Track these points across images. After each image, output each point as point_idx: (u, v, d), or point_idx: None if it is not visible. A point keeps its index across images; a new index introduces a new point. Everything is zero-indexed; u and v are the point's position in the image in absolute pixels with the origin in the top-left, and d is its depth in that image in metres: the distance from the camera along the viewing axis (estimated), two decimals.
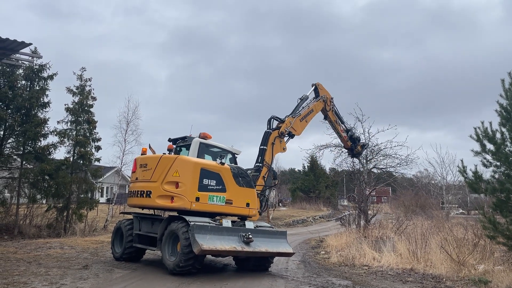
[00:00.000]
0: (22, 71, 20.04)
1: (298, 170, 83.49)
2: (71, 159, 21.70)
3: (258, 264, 11.24)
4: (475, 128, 9.83)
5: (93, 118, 22.57)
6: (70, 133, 21.68)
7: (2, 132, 19.23)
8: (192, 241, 9.36)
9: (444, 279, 10.06)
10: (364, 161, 18.87)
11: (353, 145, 16.37)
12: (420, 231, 14.61)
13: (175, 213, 11.15)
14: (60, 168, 20.71)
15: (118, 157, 26.32)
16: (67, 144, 21.57)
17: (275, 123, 13.75)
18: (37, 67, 20.21)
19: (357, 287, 9.15)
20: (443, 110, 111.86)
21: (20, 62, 8.92)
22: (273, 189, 46.41)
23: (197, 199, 10.48)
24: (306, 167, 61.19)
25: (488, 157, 9.68)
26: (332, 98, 15.90)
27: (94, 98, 22.78)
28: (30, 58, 8.56)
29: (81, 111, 22.14)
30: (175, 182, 10.48)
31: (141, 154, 12.20)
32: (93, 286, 8.43)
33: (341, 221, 24.87)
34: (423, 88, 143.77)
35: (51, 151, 20.65)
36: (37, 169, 19.96)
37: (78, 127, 22.04)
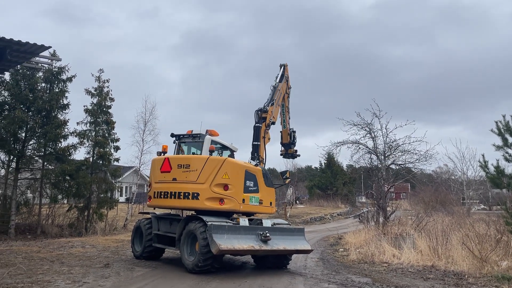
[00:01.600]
0: (42, 74, 20.45)
1: (315, 167, 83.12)
2: (91, 159, 22.08)
3: (277, 261, 11.21)
4: (496, 122, 9.59)
5: (112, 118, 22.90)
6: (90, 134, 22.05)
7: (24, 134, 19.66)
8: (210, 241, 9.37)
9: (466, 276, 9.90)
10: (382, 157, 18.65)
11: (291, 141, 15.40)
12: (441, 227, 14.40)
13: (192, 213, 11.33)
14: (80, 169, 21.10)
15: (136, 157, 26.70)
16: (87, 144, 21.97)
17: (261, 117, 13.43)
18: (56, 69, 20.59)
19: (377, 284, 9.08)
20: (459, 105, 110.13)
21: (40, 65, 9.09)
22: (290, 186, 46.38)
23: (243, 200, 10.77)
24: (323, 164, 60.92)
25: (511, 151, 9.46)
26: (291, 87, 15.52)
27: (112, 99, 23.11)
28: (49, 61, 8.72)
29: (100, 112, 22.49)
30: (224, 184, 10.56)
31: (162, 152, 11.88)
32: (115, 284, 8.56)
33: (359, 218, 24.70)
34: (437, 83, 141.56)
35: (71, 152, 21.06)
36: (58, 170, 20.36)
37: (97, 128, 22.40)
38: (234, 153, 12.64)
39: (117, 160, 23.24)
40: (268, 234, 10.10)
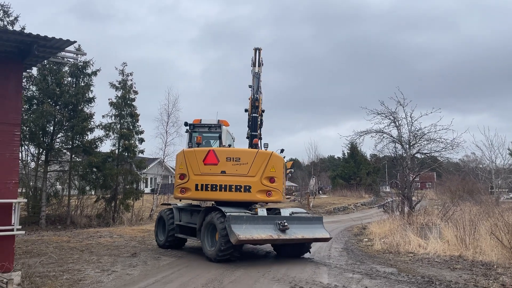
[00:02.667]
0: (67, 68, 20.91)
1: (338, 157, 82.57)
2: (117, 151, 22.53)
3: (296, 250, 11.34)
4: None
5: (136, 111, 23.28)
6: (115, 127, 22.49)
7: (52, 128, 20.20)
8: (229, 232, 9.54)
9: (495, 266, 9.69)
10: (407, 146, 18.32)
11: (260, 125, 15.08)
12: (468, 217, 14.09)
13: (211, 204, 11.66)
14: (107, 161, 21.59)
15: (160, 148, 27.10)
16: (112, 137, 22.44)
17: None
18: (81, 64, 21.02)
19: (402, 274, 8.99)
20: (484, 92, 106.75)
21: (66, 59, 9.28)
22: (313, 176, 46.17)
23: (283, 192, 11.33)
24: (346, 154, 60.43)
25: None
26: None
27: (136, 92, 23.47)
28: (74, 55, 8.88)
29: (124, 105, 22.87)
30: (271, 177, 10.94)
31: (197, 143, 11.83)
32: (142, 273, 8.77)
33: (384, 208, 24.43)
34: (461, 71, 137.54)
35: (98, 145, 21.57)
36: (86, 162, 20.88)
37: (121, 121, 22.81)
38: (233, 141, 12.90)
39: (142, 152, 23.68)
40: (286, 224, 10.22)
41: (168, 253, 11.62)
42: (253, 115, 12.95)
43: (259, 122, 13.65)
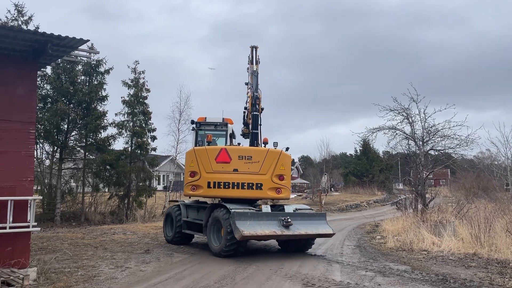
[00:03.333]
0: (81, 67, 21.14)
1: (350, 154, 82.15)
2: (129, 149, 22.73)
3: (300, 245, 11.57)
4: None
5: (148, 109, 23.45)
6: (127, 125, 22.68)
7: (66, 126, 20.46)
8: (234, 228, 9.74)
9: (511, 264, 9.54)
10: (421, 143, 18.11)
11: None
12: (483, 214, 13.88)
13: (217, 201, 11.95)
14: (120, 158, 21.81)
15: (172, 146, 27.24)
16: (125, 135, 22.65)
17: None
18: (95, 62, 21.22)
19: (416, 272, 8.91)
20: (498, 88, 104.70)
21: (79, 58, 9.39)
22: (325, 173, 45.98)
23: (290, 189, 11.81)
24: (358, 151, 60.02)
25: None
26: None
27: (148, 90, 23.63)
28: (87, 54, 8.96)
29: (137, 103, 23.06)
30: (281, 175, 11.35)
31: (207, 142, 11.92)
32: (155, 270, 8.84)
33: (397, 205, 24.24)
34: (473, 66, 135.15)
35: (111, 142, 21.80)
36: (99, 160, 21.12)
37: (134, 119, 23.00)
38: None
39: (154, 149, 23.84)
40: (289, 220, 10.38)
41: (181, 249, 11.70)
42: (254, 113, 12.99)
43: (252, 120, 13.60)
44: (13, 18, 18.89)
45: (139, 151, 22.90)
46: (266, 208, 10.96)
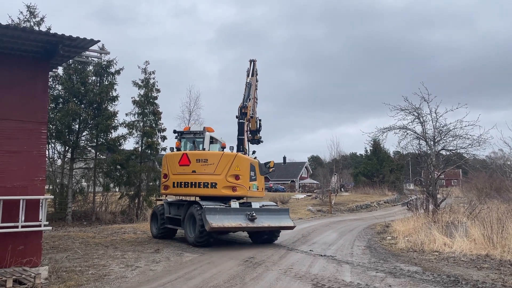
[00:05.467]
0: (92, 67, 21.31)
1: (360, 154, 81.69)
2: (140, 149, 22.86)
3: (267, 237, 13.28)
4: None
5: (158, 109, 23.55)
6: (138, 125, 22.82)
7: (77, 126, 20.66)
8: (204, 221, 11.52)
9: None
10: (432, 143, 17.92)
11: (257, 128, 16.05)
12: (496, 215, 13.69)
13: (197, 199, 13.58)
14: (130, 158, 21.94)
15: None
16: (135, 135, 22.80)
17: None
18: (105, 63, 21.38)
19: (427, 273, 8.82)
20: (507, 88, 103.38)
21: (90, 59, 9.46)
22: (335, 173, 45.70)
23: (249, 188, 13.26)
24: (368, 151, 59.66)
25: None
26: (257, 80, 16.41)
27: (158, 90, 23.74)
28: (98, 54, 9.04)
29: (147, 103, 23.18)
30: (236, 175, 12.81)
31: (176, 148, 13.93)
32: (165, 269, 8.88)
33: (407, 206, 23.99)
34: (481, 66, 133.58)
35: (121, 142, 21.95)
36: (110, 160, 21.28)
37: (144, 119, 23.12)
38: (224, 147, 13.96)
39: (164, 149, 23.92)
40: (254, 214, 12.16)
41: (191, 249, 11.74)
42: (240, 121, 14.64)
43: (257, 126, 15.93)
44: (25, 19, 19.14)
45: (149, 151, 23.02)
46: (235, 204, 12.50)
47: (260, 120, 16.29)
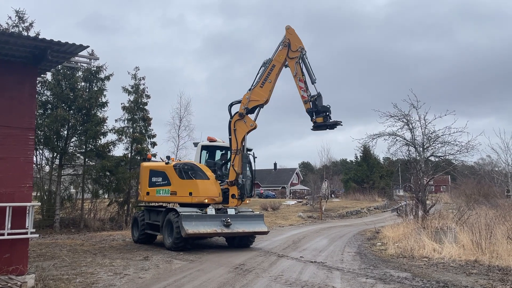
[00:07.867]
0: (81, 73, 21.16)
1: (350, 160, 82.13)
2: (129, 155, 22.70)
3: (243, 242, 13.75)
4: None
5: (148, 115, 23.45)
6: (127, 131, 22.69)
7: (66, 132, 20.45)
8: (181, 227, 11.92)
9: None
10: (421, 149, 18.07)
11: (311, 108, 13.15)
12: (484, 221, 13.82)
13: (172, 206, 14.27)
14: (120, 164, 21.75)
15: (172, 152, 27.25)
16: (125, 141, 22.65)
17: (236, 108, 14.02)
18: (95, 69, 21.25)
19: (417, 279, 8.85)
20: (488, 96, 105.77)
21: (79, 64, 9.41)
22: (325, 180, 45.86)
23: (148, 193, 14.49)
24: (358, 157, 59.91)
25: None
26: (302, 48, 13.36)
27: (148, 96, 23.66)
28: (88, 60, 8.98)
29: (137, 109, 23.07)
30: (139, 181, 14.59)
31: (148, 159, 16.40)
32: (154, 277, 8.78)
33: (397, 212, 24.13)
34: (463, 76, 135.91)
35: (111, 148, 21.78)
36: (99, 166, 21.08)
37: (134, 125, 23.00)
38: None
39: (154, 155, 23.76)
40: (229, 220, 12.54)
41: (180, 256, 11.64)
42: (229, 120, 14.16)
43: (311, 106, 12.95)
44: (14, 24, 18.95)
45: (139, 157, 22.87)
46: (211, 211, 12.86)
47: (316, 96, 13.12)
